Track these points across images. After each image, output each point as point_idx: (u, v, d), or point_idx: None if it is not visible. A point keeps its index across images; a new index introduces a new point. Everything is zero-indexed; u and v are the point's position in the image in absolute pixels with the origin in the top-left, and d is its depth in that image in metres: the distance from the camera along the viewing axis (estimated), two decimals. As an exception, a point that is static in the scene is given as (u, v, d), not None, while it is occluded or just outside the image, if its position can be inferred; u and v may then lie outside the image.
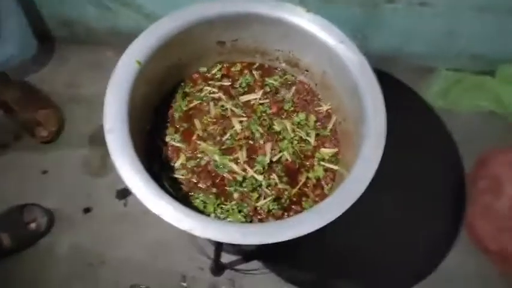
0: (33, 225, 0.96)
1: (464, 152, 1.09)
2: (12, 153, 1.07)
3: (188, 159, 0.74)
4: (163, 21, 0.69)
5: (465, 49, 1.07)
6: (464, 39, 1.03)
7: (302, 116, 0.78)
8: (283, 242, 0.57)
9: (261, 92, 0.80)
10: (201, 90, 0.80)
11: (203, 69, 0.81)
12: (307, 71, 0.79)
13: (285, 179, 0.73)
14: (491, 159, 0.99)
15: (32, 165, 1.06)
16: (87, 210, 1.02)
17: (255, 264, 0.98)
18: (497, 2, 0.93)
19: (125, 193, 1.02)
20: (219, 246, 0.87)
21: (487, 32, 1.00)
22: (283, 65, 0.82)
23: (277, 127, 0.77)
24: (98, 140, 1.08)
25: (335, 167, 0.74)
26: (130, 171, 0.59)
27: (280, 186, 0.72)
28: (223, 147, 0.75)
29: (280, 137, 0.76)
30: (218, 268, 0.96)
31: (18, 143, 1.08)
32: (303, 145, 0.76)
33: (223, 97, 0.79)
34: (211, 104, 0.78)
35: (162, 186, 0.69)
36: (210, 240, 0.91)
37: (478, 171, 1.02)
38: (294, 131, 0.77)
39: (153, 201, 0.57)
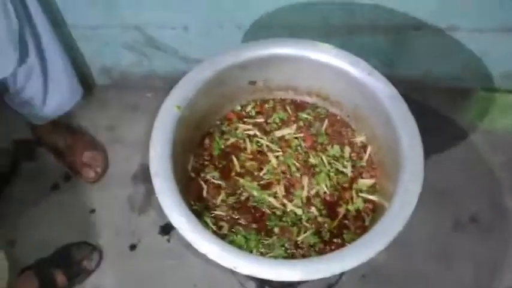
0: (85, 263, 1.00)
1: (509, 172, 1.06)
2: (62, 194, 1.14)
3: (228, 195, 0.76)
4: (199, 68, 0.74)
5: (497, 69, 1.05)
6: (495, 59, 1.01)
7: (337, 148, 0.79)
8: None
9: (294, 127, 0.82)
10: (236, 128, 0.83)
11: (237, 107, 0.85)
12: (338, 103, 0.81)
13: (324, 212, 0.74)
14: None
15: (80, 204, 1.12)
16: (133, 247, 1.06)
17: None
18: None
19: (168, 229, 1.06)
20: (261, 281, 0.88)
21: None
22: (315, 99, 0.84)
23: (313, 160, 0.78)
24: (140, 179, 1.13)
25: (374, 198, 0.74)
26: (177, 213, 0.62)
27: (319, 219, 0.73)
28: (261, 182, 0.77)
29: (317, 170, 0.77)
30: (261, 301, 0.96)
31: (67, 184, 1.15)
32: (340, 177, 0.77)
33: (258, 133, 0.82)
34: (247, 140, 0.81)
35: (204, 223, 0.72)
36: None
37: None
38: (329, 163, 0.78)
39: (200, 241, 0.60)
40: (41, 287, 0.94)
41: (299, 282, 0.97)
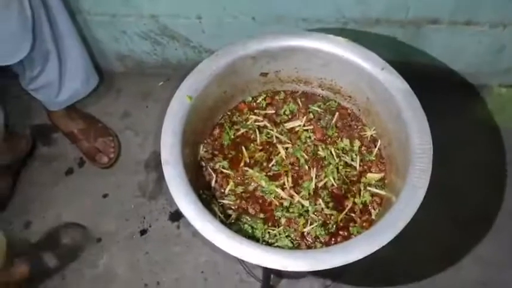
0: (74, 242, 1.03)
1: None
2: (77, 178, 1.17)
3: (237, 185, 0.77)
4: (212, 59, 0.74)
5: (516, 64, 1.03)
6: (514, 54, 1.00)
7: (346, 141, 0.79)
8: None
9: (304, 119, 0.82)
10: (247, 119, 0.84)
11: (248, 98, 0.86)
12: (349, 97, 0.81)
13: (331, 204, 0.74)
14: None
15: (93, 189, 1.15)
16: (143, 232, 1.08)
17: (304, 284, 0.99)
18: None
19: (177, 216, 1.08)
20: (267, 269, 0.89)
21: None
22: (326, 92, 0.84)
23: (321, 153, 0.78)
24: (151, 165, 1.15)
25: (382, 192, 0.75)
26: (185, 201, 0.63)
27: (326, 211, 0.73)
28: (269, 173, 0.78)
29: (325, 162, 0.78)
30: (267, 290, 0.98)
31: (81, 169, 1.18)
32: (349, 170, 0.77)
33: (269, 125, 0.82)
34: (257, 131, 0.82)
35: (212, 212, 0.73)
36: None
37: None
38: (338, 156, 0.78)
39: (207, 229, 0.61)
40: (32, 270, 0.96)
41: (304, 273, 0.99)
